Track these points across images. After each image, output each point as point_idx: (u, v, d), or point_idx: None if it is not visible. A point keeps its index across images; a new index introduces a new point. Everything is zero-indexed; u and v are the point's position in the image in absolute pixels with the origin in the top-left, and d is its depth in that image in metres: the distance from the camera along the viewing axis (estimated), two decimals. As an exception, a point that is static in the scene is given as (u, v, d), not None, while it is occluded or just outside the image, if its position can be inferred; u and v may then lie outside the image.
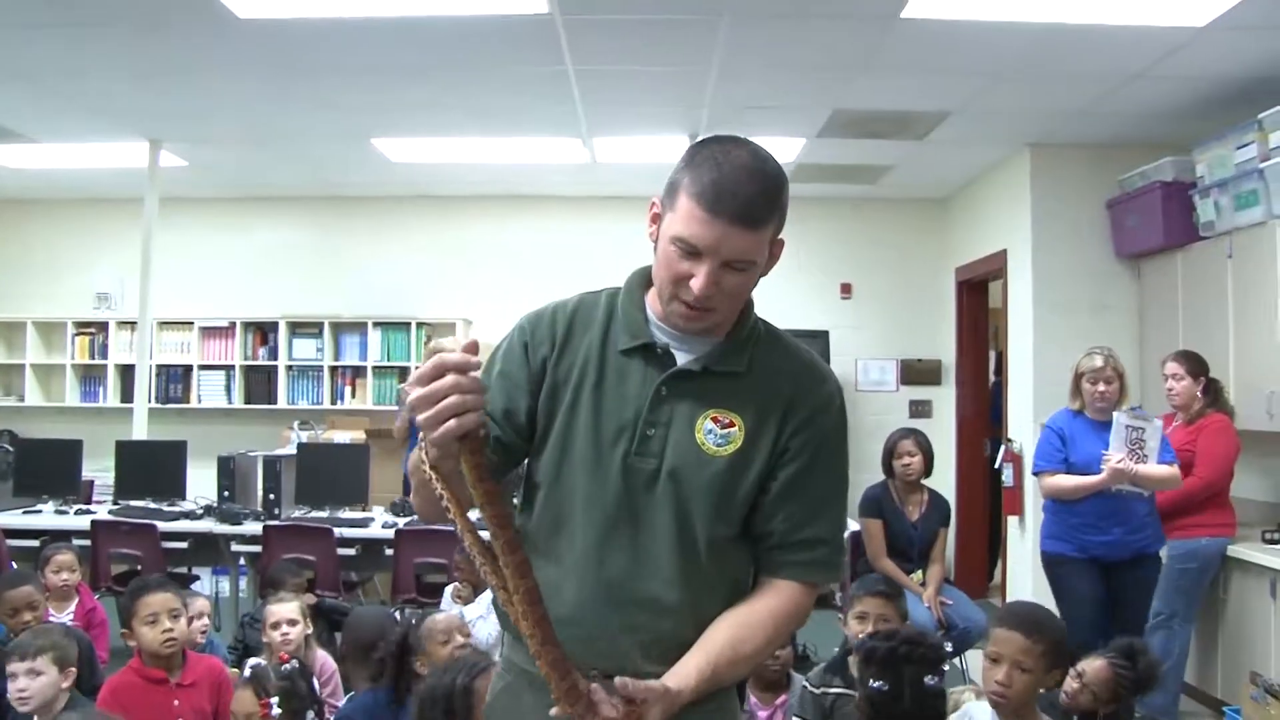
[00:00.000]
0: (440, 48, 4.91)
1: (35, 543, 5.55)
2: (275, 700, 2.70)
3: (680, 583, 1.60)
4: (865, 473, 6.49)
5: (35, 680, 2.97)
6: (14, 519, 5.87)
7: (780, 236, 1.60)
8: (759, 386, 1.64)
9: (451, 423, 1.34)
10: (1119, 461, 4.41)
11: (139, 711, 2.71)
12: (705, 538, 1.61)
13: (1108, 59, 4.90)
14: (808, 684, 3.35)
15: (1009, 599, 6.90)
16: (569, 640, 1.54)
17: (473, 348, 1.38)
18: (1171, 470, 4.54)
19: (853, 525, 5.67)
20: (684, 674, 1.53)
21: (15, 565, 5.35)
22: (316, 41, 4.83)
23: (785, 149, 6.75)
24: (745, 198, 1.48)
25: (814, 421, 1.65)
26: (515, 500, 1.74)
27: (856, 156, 6.89)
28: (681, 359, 1.64)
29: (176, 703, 3.08)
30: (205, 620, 4.21)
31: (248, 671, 2.87)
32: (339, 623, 4.16)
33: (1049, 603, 5.97)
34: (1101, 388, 4.56)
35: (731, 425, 1.61)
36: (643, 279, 1.70)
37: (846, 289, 8.38)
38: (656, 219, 1.60)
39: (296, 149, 6.96)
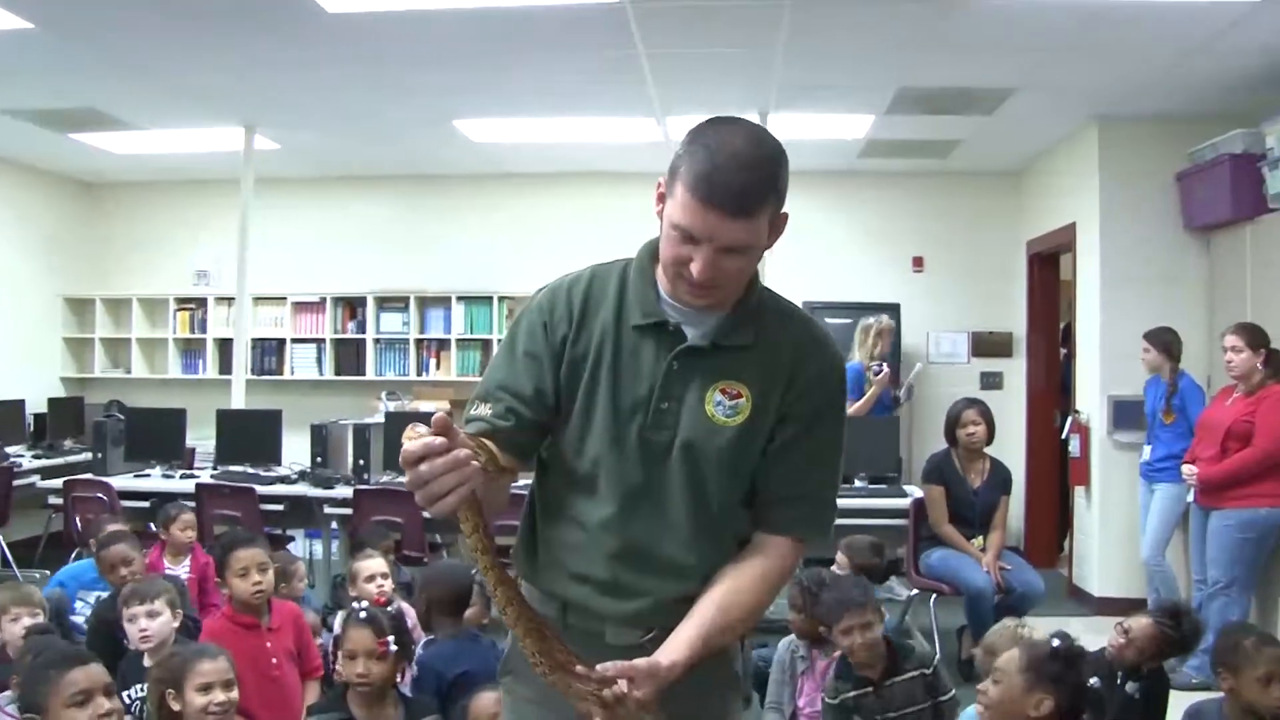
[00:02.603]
0: (517, 35, 5.14)
1: (145, 504, 5.98)
2: (391, 639, 2.94)
3: (696, 545, 1.70)
4: (933, 442, 6.65)
5: (155, 621, 3.30)
6: (126, 482, 6.31)
7: (784, 210, 1.63)
8: (765, 358, 1.71)
9: (441, 504, 1.37)
10: None
11: (237, 653, 2.95)
12: (719, 502, 1.70)
13: (1167, 34, 4.96)
14: (825, 697, 3.50)
15: (1076, 569, 6.99)
16: (588, 595, 1.71)
17: (442, 425, 1.37)
18: None
19: (916, 492, 5.85)
20: (675, 647, 1.58)
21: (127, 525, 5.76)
22: (400, 31, 5.09)
23: (854, 126, 6.88)
24: (737, 190, 1.52)
25: (814, 388, 1.72)
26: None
27: (925, 132, 6.97)
28: (691, 335, 1.70)
29: (269, 644, 3.40)
30: (304, 582, 4.58)
31: (363, 614, 3.08)
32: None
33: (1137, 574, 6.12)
34: None
35: (739, 396, 1.69)
36: (652, 253, 1.74)
37: (918, 262, 8.45)
38: (662, 198, 1.63)
39: (382, 131, 7.25)
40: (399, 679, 3.09)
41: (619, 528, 1.70)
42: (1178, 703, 3.39)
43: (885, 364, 6.63)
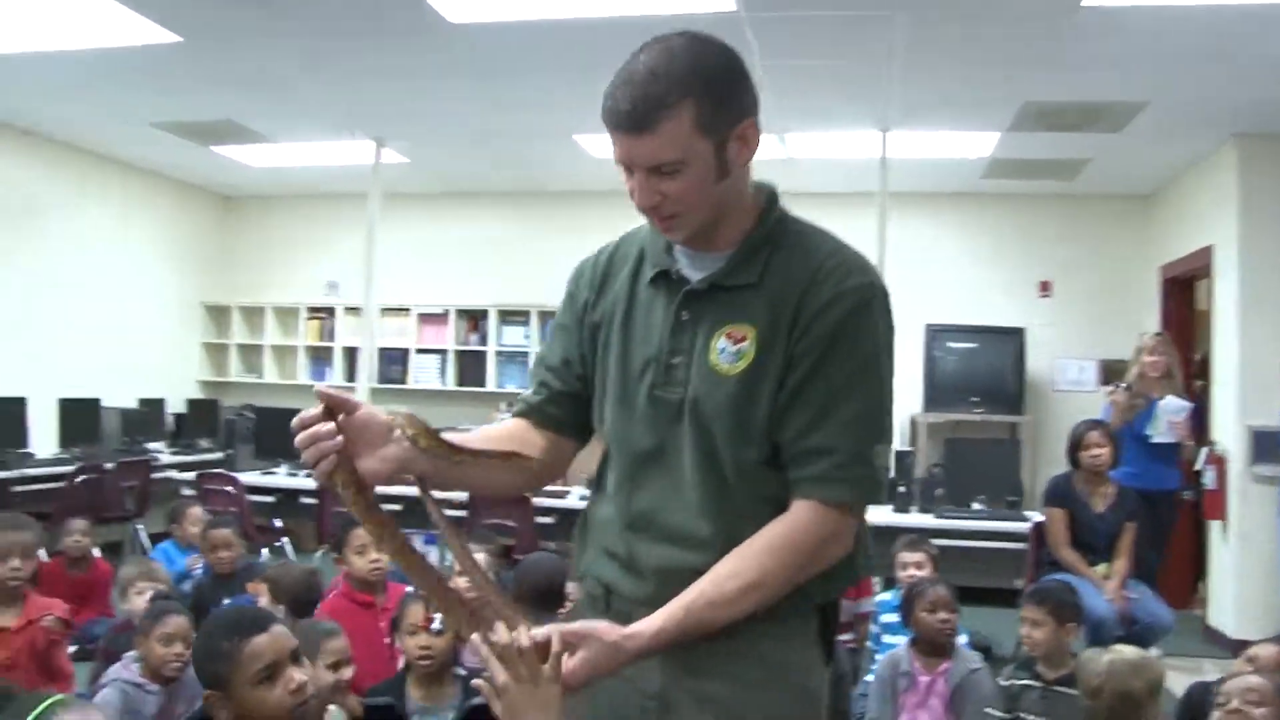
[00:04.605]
0: (634, 45, 5.19)
1: (270, 499, 6.21)
2: (437, 617, 2.90)
3: (711, 514, 1.53)
4: (1057, 468, 6.43)
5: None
6: (254, 478, 6.57)
7: (749, 121, 1.52)
8: (773, 295, 1.53)
9: (315, 472, 1.44)
10: None
11: (352, 630, 3.00)
12: (731, 464, 1.53)
13: (1312, 42, 4.76)
14: (1000, 679, 3.57)
15: (1211, 608, 6.68)
16: (616, 573, 1.61)
17: (323, 399, 1.46)
18: None
19: (1037, 517, 5.67)
20: (645, 621, 1.46)
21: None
22: (519, 42, 5.20)
23: (978, 144, 6.76)
24: (623, 108, 1.46)
25: (822, 318, 1.50)
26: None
27: (1052, 150, 6.81)
28: (694, 279, 1.58)
29: (383, 624, 3.46)
30: None
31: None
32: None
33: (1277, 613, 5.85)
34: None
35: (743, 339, 1.52)
36: None
37: (1045, 287, 8.25)
38: None
39: (506, 146, 7.42)
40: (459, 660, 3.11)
41: (628, 496, 1.61)
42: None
43: (1124, 384, 5.86)
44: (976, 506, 6.02)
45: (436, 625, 2.92)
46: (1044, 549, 5.35)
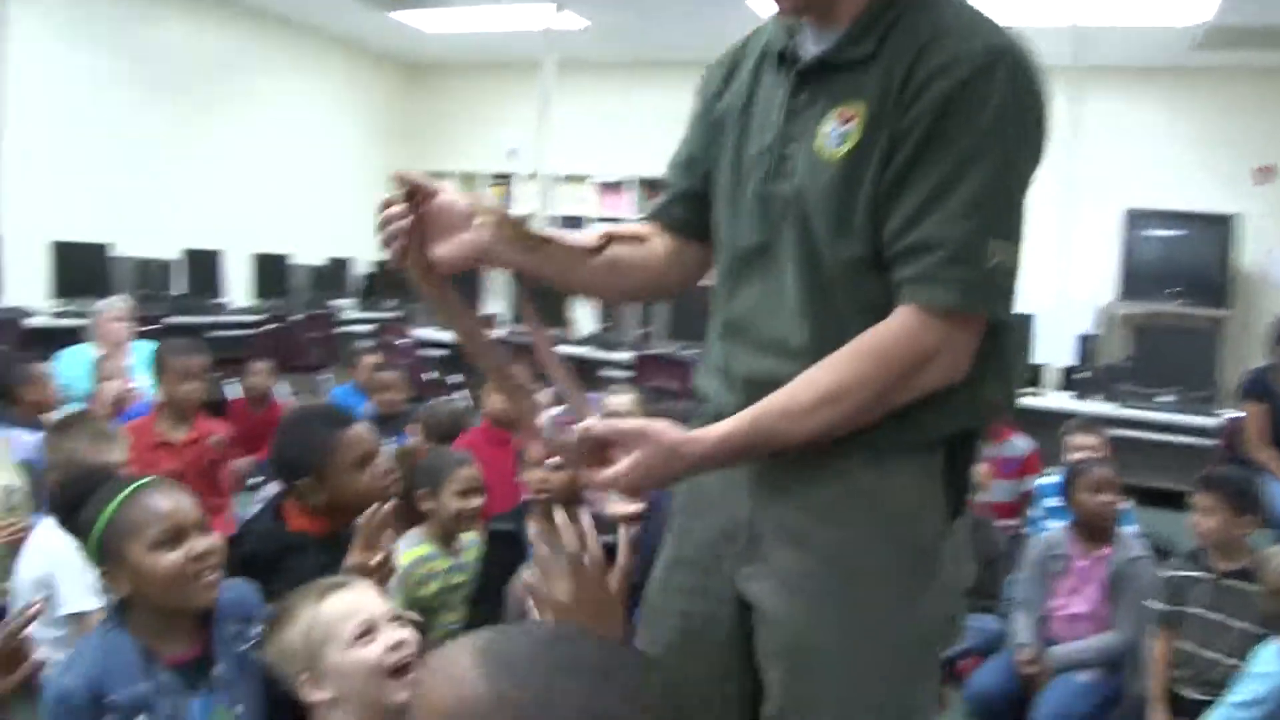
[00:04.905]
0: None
1: (442, 351, 6.46)
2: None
3: (809, 319, 1.35)
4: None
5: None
6: (429, 333, 6.94)
7: None
8: (886, 68, 1.29)
9: (390, 253, 1.42)
10: None
11: (486, 464, 2.98)
12: (831, 263, 1.33)
13: None
14: (1164, 571, 3.35)
15: None
16: (715, 384, 1.49)
17: (404, 185, 1.42)
18: None
19: (1230, 414, 5.29)
20: (710, 427, 1.32)
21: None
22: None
23: (1194, 7, 6.17)
24: None
25: (933, 86, 1.25)
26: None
27: (1283, 15, 6.15)
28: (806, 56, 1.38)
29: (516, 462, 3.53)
30: None
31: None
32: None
33: None
34: None
35: (852, 119, 1.30)
36: None
37: (1265, 172, 7.58)
38: None
39: (690, 11, 7.20)
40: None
41: (726, 299, 1.47)
42: None
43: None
44: (1162, 399, 5.65)
45: (553, 461, 2.90)
46: (1236, 449, 5.00)
